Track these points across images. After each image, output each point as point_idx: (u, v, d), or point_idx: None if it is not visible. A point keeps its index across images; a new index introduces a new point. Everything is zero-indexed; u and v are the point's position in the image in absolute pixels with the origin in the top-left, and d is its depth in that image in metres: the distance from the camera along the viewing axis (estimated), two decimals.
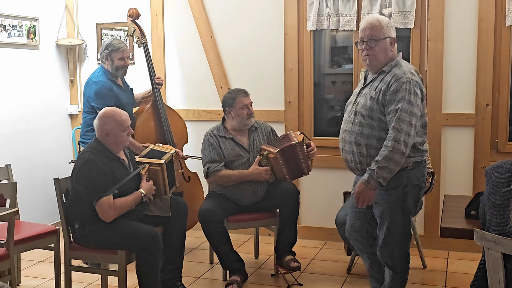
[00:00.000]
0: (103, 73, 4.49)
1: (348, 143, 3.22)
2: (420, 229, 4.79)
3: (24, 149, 5.23)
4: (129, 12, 4.75)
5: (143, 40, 4.72)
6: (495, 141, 4.60)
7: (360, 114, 3.17)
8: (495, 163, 2.63)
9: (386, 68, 3.17)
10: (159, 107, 4.63)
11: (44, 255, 4.62)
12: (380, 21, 3.17)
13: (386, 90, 3.09)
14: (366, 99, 3.17)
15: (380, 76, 3.18)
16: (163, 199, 3.79)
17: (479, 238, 2.36)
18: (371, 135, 3.13)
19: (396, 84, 3.06)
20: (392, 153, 3.00)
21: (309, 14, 4.89)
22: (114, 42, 4.49)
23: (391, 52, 3.20)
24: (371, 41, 3.15)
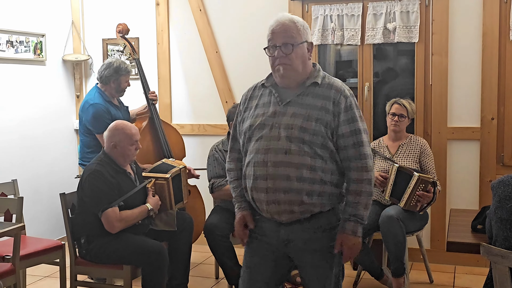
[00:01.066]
0: (99, 94, 4.44)
1: (280, 178, 2.46)
2: (427, 244, 4.77)
3: (30, 164, 5.25)
4: (118, 28, 4.69)
5: (134, 56, 4.67)
6: (501, 154, 4.59)
7: (299, 140, 2.46)
8: (502, 177, 2.62)
9: (318, 79, 2.57)
10: (155, 123, 4.57)
11: (50, 270, 4.62)
12: (295, 21, 2.56)
13: (335, 109, 2.50)
14: (302, 121, 2.48)
15: (311, 90, 2.56)
16: (168, 214, 3.80)
17: (486, 252, 2.35)
18: (315, 166, 2.47)
19: (344, 100, 2.52)
20: (371, 186, 2.54)
21: (314, 29, 4.91)
22: (122, 65, 4.45)
23: (309, 60, 2.62)
24: (286, 46, 2.52)
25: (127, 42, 4.70)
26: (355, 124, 2.51)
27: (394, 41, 4.70)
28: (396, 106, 4.29)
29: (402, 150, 4.28)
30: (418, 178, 3.92)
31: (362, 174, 2.51)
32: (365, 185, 2.51)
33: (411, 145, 4.29)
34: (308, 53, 2.59)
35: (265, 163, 2.48)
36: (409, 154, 4.25)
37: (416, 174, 3.93)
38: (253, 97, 2.68)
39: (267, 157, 2.48)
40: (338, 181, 2.56)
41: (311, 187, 2.47)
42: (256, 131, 2.56)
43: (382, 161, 4.27)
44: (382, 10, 4.72)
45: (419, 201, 3.96)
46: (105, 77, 4.46)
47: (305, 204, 2.48)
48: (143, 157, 4.38)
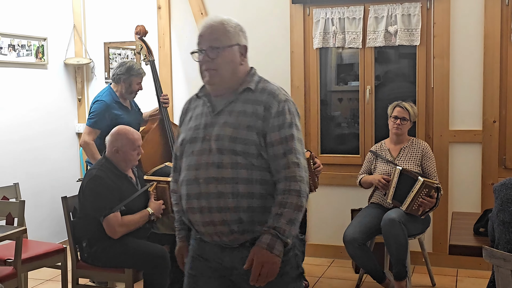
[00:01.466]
0: (109, 93, 4.45)
1: (214, 196, 2.20)
2: (429, 247, 4.76)
3: (32, 167, 5.25)
4: (136, 29, 4.70)
5: (150, 58, 4.67)
6: (503, 157, 4.59)
7: (231, 151, 2.20)
8: (504, 180, 2.62)
9: (251, 84, 2.31)
10: (165, 126, 4.62)
11: (51, 273, 4.61)
12: (225, 23, 2.33)
13: (266, 113, 2.24)
14: (232, 130, 2.23)
15: (244, 96, 2.30)
16: (170, 217, 3.79)
17: (488, 255, 2.35)
18: (252, 179, 2.20)
19: (277, 104, 2.25)
20: (300, 198, 2.19)
21: (315, 32, 4.91)
22: (135, 66, 4.44)
23: (241, 65, 2.35)
24: (212, 49, 2.30)
25: (143, 43, 4.68)
26: (285, 130, 2.23)
27: (395, 44, 4.70)
28: (398, 109, 4.29)
29: (404, 153, 4.28)
30: (423, 183, 3.91)
31: (290, 184, 2.18)
32: (292, 197, 2.17)
33: (413, 148, 4.28)
34: (241, 57, 2.35)
35: (197, 180, 2.23)
36: (410, 157, 4.25)
37: (421, 178, 3.93)
38: (189, 110, 2.45)
39: (198, 173, 2.22)
40: None
41: (250, 203, 2.19)
42: (187, 146, 2.31)
43: (384, 164, 4.26)
44: (383, 13, 4.72)
45: (421, 205, 3.96)
46: (116, 76, 4.44)
47: (245, 222, 2.19)
48: (151, 158, 4.42)
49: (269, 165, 2.22)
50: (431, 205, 3.97)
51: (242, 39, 2.38)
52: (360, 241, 3.99)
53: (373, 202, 4.33)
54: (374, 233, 4.10)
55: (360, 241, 3.99)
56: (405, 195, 4.00)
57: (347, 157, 5.04)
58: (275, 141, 2.22)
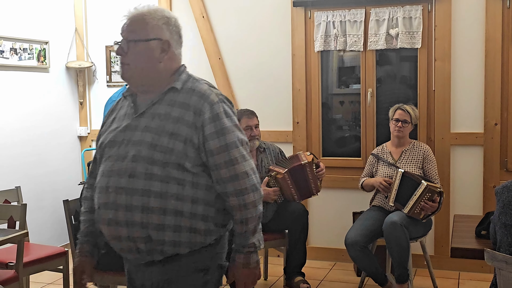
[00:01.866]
0: (122, 92, 4.53)
1: (122, 208, 1.98)
2: (431, 250, 4.76)
3: (34, 171, 5.26)
4: None
5: None
6: (505, 160, 4.58)
7: (147, 160, 1.97)
8: (505, 182, 2.62)
9: (177, 83, 2.08)
10: None
11: (53, 277, 4.61)
12: (145, 14, 2.10)
13: (197, 119, 2.00)
14: (152, 136, 2.00)
15: (169, 97, 2.06)
16: None
17: (490, 258, 2.34)
18: (167, 193, 1.96)
19: (209, 108, 2.01)
20: (257, 208, 2.05)
21: (317, 35, 4.92)
22: None
23: (161, 62, 2.08)
24: (126, 42, 2.08)
25: None
26: (225, 137, 2.00)
27: (396, 47, 4.70)
28: (399, 112, 4.29)
29: (405, 156, 4.28)
30: (426, 187, 3.90)
31: (244, 198, 2.00)
32: (250, 210, 2.02)
33: (414, 151, 4.28)
34: (161, 54, 2.07)
35: (107, 188, 2.01)
36: (412, 160, 4.25)
37: (424, 182, 3.92)
38: (114, 110, 2.23)
39: (110, 181, 2.00)
40: (208, 213, 2.04)
41: (162, 220, 1.96)
42: (106, 150, 2.09)
43: (385, 167, 4.26)
44: (384, 16, 4.72)
45: (423, 209, 3.95)
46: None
47: (154, 241, 1.97)
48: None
49: (193, 179, 1.99)
50: (433, 210, 3.96)
51: (165, 33, 2.09)
52: (362, 244, 3.99)
53: (374, 205, 4.33)
54: (376, 236, 4.10)
55: (362, 244, 3.99)
56: (407, 198, 4.00)
57: (349, 160, 5.04)
58: (215, 149, 1.99)
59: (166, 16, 2.12)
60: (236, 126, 2.07)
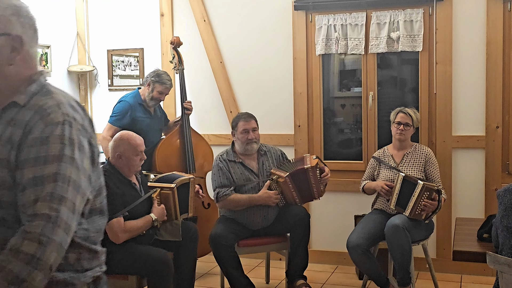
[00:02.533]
0: (134, 95, 4.68)
1: None
2: (432, 253, 4.75)
3: None
4: (172, 39, 4.98)
5: (180, 66, 4.93)
6: (506, 163, 4.58)
7: None
8: (507, 185, 2.62)
9: (20, 97, 1.60)
10: (184, 131, 4.76)
11: None
12: None
13: (22, 140, 1.52)
14: None
15: (8, 114, 1.59)
16: (174, 224, 3.80)
17: (492, 261, 2.35)
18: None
19: (42, 127, 1.52)
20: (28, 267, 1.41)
21: (318, 39, 4.92)
22: (164, 76, 4.66)
23: (10, 65, 1.61)
24: None
25: (176, 53, 4.95)
26: (45, 167, 1.48)
27: (398, 50, 4.71)
28: (401, 115, 4.29)
29: (407, 159, 4.28)
30: (423, 186, 3.91)
31: (22, 242, 1.42)
32: (15, 263, 1.41)
33: (416, 154, 4.28)
34: (12, 53, 1.61)
35: None
36: (414, 163, 4.25)
37: (420, 182, 3.93)
38: None
39: None
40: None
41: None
42: None
43: (387, 170, 4.26)
44: (385, 19, 4.73)
45: (423, 209, 3.95)
46: (145, 78, 4.71)
47: None
48: (166, 160, 4.62)
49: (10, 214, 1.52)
50: (433, 208, 3.96)
51: (15, 27, 1.63)
52: (364, 247, 3.99)
53: (376, 208, 4.33)
54: (378, 239, 4.10)
55: (364, 247, 3.99)
56: (408, 201, 4.00)
57: (350, 163, 5.05)
58: (25, 181, 1.48)
59: (14, 4, 1.65)
60: (68, 157, 1.51)
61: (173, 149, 4.73)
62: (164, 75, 4.66)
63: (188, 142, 4.76)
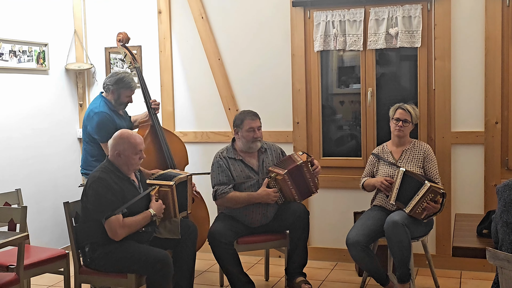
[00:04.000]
0: (104, 103, 4.44)
1: None
2: (432, 249, 4.75)
3: (34, 173, 5.25)
4: (118, 36, 4.72)
5: (135, 64, 4.68)
6: (506, 158, 4.58)
7: None
8: (507, 181, 2.61)
9: None
10: (157, 132, 4.57)
11: (54, 279, 4.61)
12: None
13: None
14: None
15: None
16: (172, 222, 3.79)
17: (492, 257, 2.34)
18: None
19: None
20: None
21: (316, 35, 4.91)
22: (126, 78, 4.44)
23: None
24: None
25: (127, 50, 4.71)
26: None
27: (396, 46, 4.70)
28: (400, 111, 4.28)
29: (406, 156, 4.27)
30: (429, 187, 3.89)
31: None
32: None
33: (415, 150, 4.28)
34: None
35: None
36: (412, 159, 4.24)
37: (428, 183, 3.91)
38: None
39: None
40: None
41: None
42: None
43: (386, 167, 4.26)
44: (384, 15, 4.72)
45: (425, 210, 3.94)
46: (106, 85, 4.47)
47: None
48: (145, 165, 4.38)
49: None
50: (435, 211, 3.95)
51: None
52: (363, 244, 3.98)
53: (375, 205, 4.32)
54: (377, 236, 4.09)
55: (363, 244, 3.98)
56: (408, 197, 3.99)
57: (349, 159, 5.04)
58: None
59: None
60: None
61: (150, 154, 4.44)
62: (126, 77, 4.43)
63: (164, 142, 4.54)
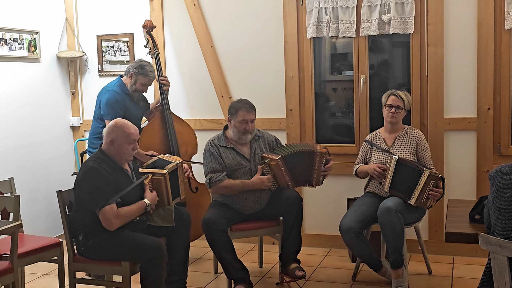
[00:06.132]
0: (119, 85, 4.53)
1: None
2: (425, 235, 4.78)
3: (27, 162, 5.23)
4: (144, 23, 4.83)
5: (155, 51, 4.80)
6: (498, 144, 4.60)
7: None
8: (499, 166, 2.62)
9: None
10: (166, 116, 4.69)
11: (48, 268, 4.61)
12: None
13: None
14: None
15: None
16: (166, 210, 3.79)
17: (484, 242, 2.35)
18: None
19: None
20: None
21: (309, 22, 4.90)
22: (148, 67, 4.52)
23: None
24: None
25: (150, 37, 4.81)
26: None
27: (389, 32, 4.69)
28: (392, 97, 4.29)
29: (399, 142, 4.28)
30: (429, 175, 3.87)
31: None
32: None
33: (408, 137, 4.28)
34: None
35: None
36: (405, 146, 4.25)
37: (426, 170, 3.89)
38: None
39: None
40: None
41: None
42: None
43: (379, 153, 4.26)
44: (376, 1, 4.70)
45: (429, 197, 3.93)
46: (127, 69, 4.57)
47: None
48: (148, 145, 4.51)
49: None
50: (439, 196, 3.95)
51: None
52: (357, 230, 4.00)
53: (369, 191, 4.34)
54: (370, 222, 4.11)
55: (357, 230, 4.00)
56: (406, 186, 3.98)
57: (342, 146, 5.05)
58: None
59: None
60: None
61: (156, 136, 4.63)
62: (148, 66, 4.52)
63: (170, 127, 4.65)
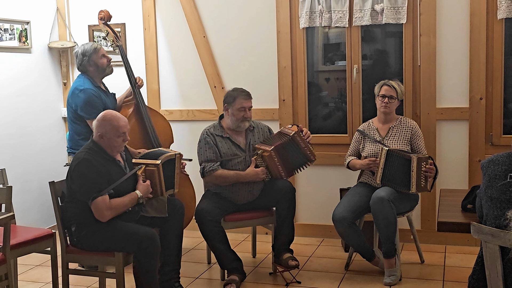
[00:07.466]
0: (88, 80, 4.38)
1: None
2: (417, 224, 4.80)
3: (19, 153, 5.21)
4: (100, 14, 4.66)
5: (118, 42, 4.63)
6: (490, 134, 4.61)
7: None
8: (491, 156, 2.63)
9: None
10: (141, 109, 4.55)
11: (41, 259, 4.60)
12: None
13: None
14: None
15: None
16: (159, 200, 3.78)
17: (476, 231, 2.37)
18: None
19: None
20: None
21: (301, 12, 4.88)
22: (87, 46, 4.38)
23: None
24: None
25: (109, 29, 4.65)
26: None
27: (382, 22, 4.68)
28: (385, 87, 4.29)
29: (393, 133, 4.28)
30: (418, 159, 3.92)
31: None
32: None
33: (402, 127, 4.29)
34: None
35: None
36: (400, 136, 4.26)
37: (414, 156, 3.93)
38: None
39: None
40: None
41: None
42: None
43: (372, 144, 4.27)
44: None
45: (426, 179, 3.96)
46: (80, 66, 4.41)
47: None
48: (129, 145, 4.35)
49: None
50: (434, 173, 3.99)
51: None
52: (349, 220, 4.01)
53: (361, 181, 4.35)
54: (363, 212, 4.12)
55: (349, 220, 4.01)
56: (398, 178, 4.00)
57: (335, 136, 5.05)
58: None
59: None
60: None
61: (135, 132, 4.44)
62: (85, 45, 4.36)
63: (148, 120, 4.53)
